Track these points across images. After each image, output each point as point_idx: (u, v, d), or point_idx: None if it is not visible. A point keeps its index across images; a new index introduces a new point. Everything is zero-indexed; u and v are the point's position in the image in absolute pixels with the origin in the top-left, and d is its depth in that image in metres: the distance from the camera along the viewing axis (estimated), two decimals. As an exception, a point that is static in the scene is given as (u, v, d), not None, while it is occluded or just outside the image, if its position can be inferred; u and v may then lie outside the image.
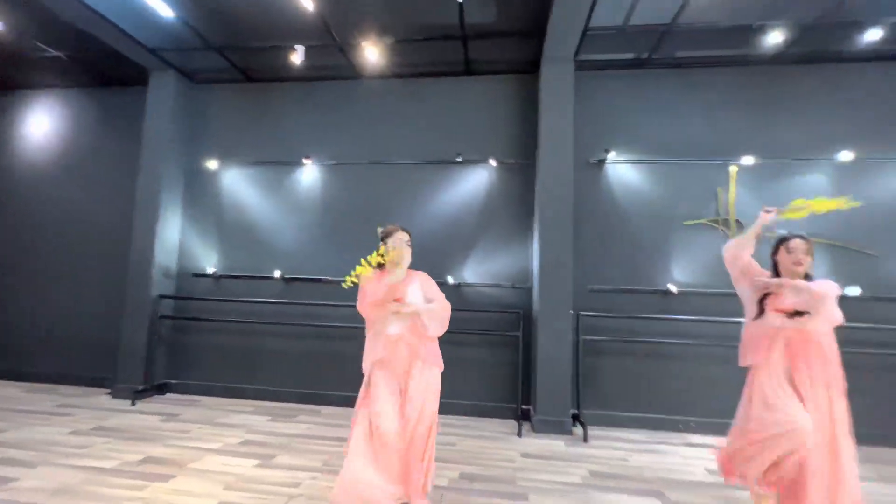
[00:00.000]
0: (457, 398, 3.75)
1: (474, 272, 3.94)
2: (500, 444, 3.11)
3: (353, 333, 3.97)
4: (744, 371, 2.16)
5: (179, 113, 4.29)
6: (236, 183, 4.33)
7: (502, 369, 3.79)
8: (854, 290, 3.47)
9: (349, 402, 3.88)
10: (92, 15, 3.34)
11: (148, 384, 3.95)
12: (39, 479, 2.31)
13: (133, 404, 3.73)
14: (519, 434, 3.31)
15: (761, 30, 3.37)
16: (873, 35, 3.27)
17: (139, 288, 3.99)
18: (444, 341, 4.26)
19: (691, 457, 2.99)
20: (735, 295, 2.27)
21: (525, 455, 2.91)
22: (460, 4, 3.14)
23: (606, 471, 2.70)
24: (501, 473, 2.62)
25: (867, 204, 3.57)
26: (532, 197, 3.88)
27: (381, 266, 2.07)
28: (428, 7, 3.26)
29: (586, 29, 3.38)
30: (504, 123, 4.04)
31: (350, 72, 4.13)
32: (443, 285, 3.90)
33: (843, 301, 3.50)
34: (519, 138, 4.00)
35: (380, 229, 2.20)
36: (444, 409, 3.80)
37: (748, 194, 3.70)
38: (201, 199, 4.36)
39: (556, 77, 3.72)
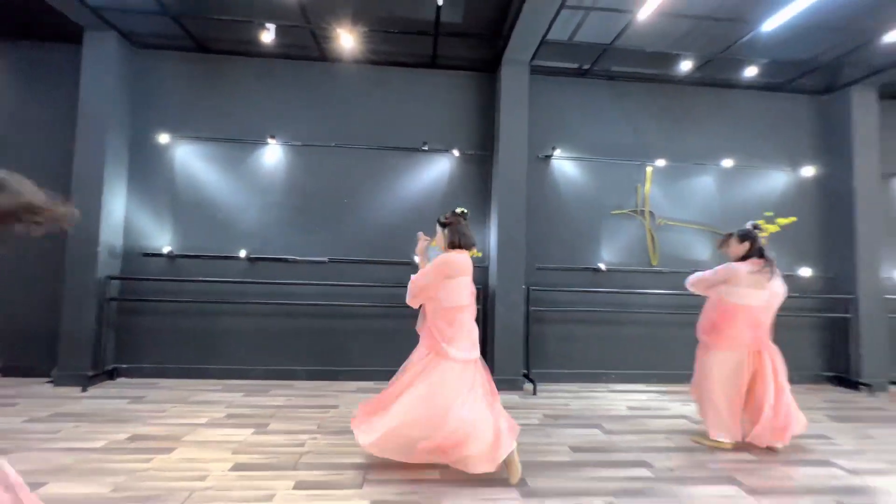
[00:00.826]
0: (422, 366, 4.15)
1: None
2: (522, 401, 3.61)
3: (320, 311, 4.15)
4: (653, 332, 2.86)
5: (122, 79, 3.96)
6: (191, 159, 4.16)
7: (463, 338, 4.27)
8: (729, 268, 4.52)
9: (319, 375, 4.11)
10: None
11: (98, 370, 3.75)
12: (28, 463, 2.27)
13: (84, 390, 3.55)
14: (534, 394, 3.85)
15: (676, 57, 4.13)
16: (751, 71, 4.21)
17: (83, 270, 3.71)
18: (412, 316, 4.66)
19: (616, 399, 3.78)
20: (646, 270, 2.95)
21: (490, 407, 3.44)
22: (439, 7, 3.40)
23: (556, 413, 3.34)
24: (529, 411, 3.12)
25: (739, 199, 4.64)
26: (490, 185, 4.34)
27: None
28: (406, 2, 3.46)
29: (543, 39, 3.86)
30: (466, 116, 4.41)
31: (317, 54, 4.16)
32: (408, 265, 4.24)
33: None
34: (479, 131, 4.41)
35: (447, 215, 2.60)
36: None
37: (659, 190, 4.56)
38: (150, 174, 4.11)
39: (514, 78, 4.16)
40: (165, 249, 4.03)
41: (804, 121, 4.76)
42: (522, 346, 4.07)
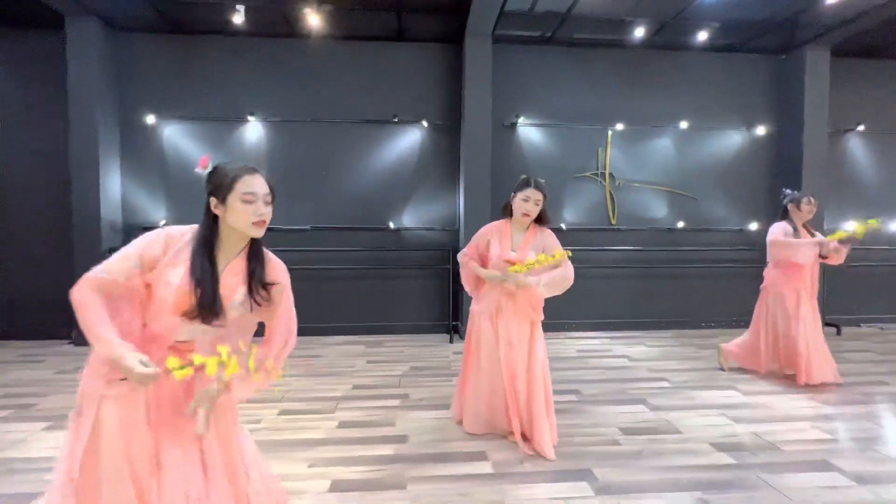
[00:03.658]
0: (401, 320, 4.63)
1: (411, 217, 4.69)
2: (438, 349, 4.10)
3: (306, 274, 4.57)
4: (606, 281, 3.27)
5: (106, 62, 4.19)
6: (178, 138, 4.45)
7: (436, 294, 4.72)
8: (680, 224, 4.88)
9: (308, 332, 4.58)
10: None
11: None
12: (63, 402, 2.77)
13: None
14: (451, 341, 4.33)
15: (632, 23, 4.30)
16: (704, 35, 4.39)
17: (89, 243, 4.12)
18: (389, 276, 5.07)
19: (569, 344, 4.26)
20: (605, 229, 3.31)
21: (456, 353, 3.93)
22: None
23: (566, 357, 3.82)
24: (440, 364, 3.61)
25: (695, 160, 4.92)
26: (458, 154, 4.64)
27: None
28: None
29: (502, 10, 4.03)
30: (434, 88, 4.64)
31: (288, 30, 4.35)
32: (384, 230, 4.62)
33: (673, 232, 4.89)
34: (446, 102, 4.65)
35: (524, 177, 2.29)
36: (394, 330, 4.69)
37: (619, 153, 4.85)
38: (141, 152, 4.43)
39: (477, 50, 4.36)
40: (161, 223, 4.42)
41: (760, 82, 4.96)
42: (490, 301, 4.51)
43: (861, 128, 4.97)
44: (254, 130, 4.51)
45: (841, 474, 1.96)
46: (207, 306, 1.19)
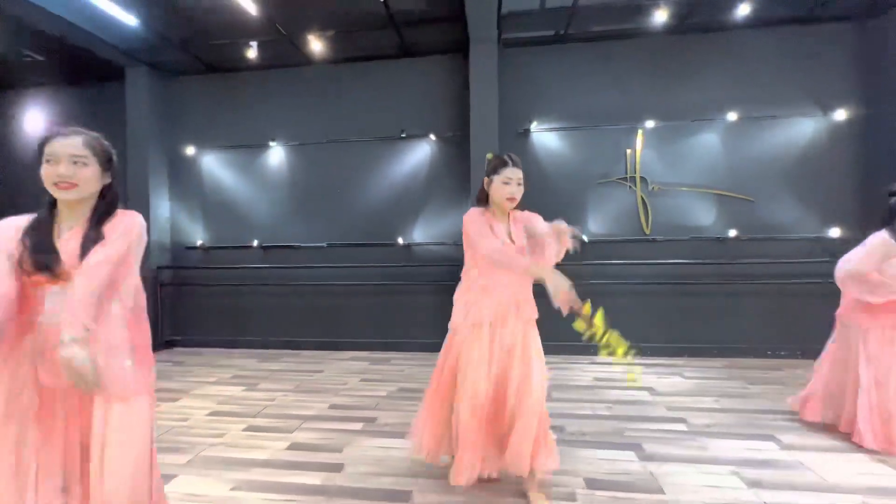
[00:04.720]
0: (411, 337, 4.52)
1: (422, 232, 4.60)
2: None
3: (322, 290, 4.70)
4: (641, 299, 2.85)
5: (156, 104, 4.81)
6: (213, 166, 4.92)
7: (447, 310, 4.52)
8: (732, 232, 4.12)
9: (323, 346, 4.68)
10: (69, 26, 3.81)
11: (157, 341, 4.74)
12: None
13: (147, 356, 4.55)
14: None
15: (653, 5, 3.80)
16: (746, 8, 3.71)
17: (142, 264, 4.69)
18: (399, 292, 5.03)
19: (588, 371, 3.77)
20: (638, 240, 2.91)
21: (455, 375, 3.70)
22: (383, 2, 3.59)
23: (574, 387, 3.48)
24: (430, 387, 3.42)
25: (752, 154, 4.15)
26: (468, 165, 4.46)
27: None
28: (338, 4, 3.69)
29: (500, 13, 3.82)
30: (440, 100, 4.55)
31: (302, 59, 4.59)
32: (393, 246, 4.59)
33: (724, 241, 4.17)
34: (454, 113, 4.52)
35: (489, 156, 1.98)
36: (403, 347, 4.59)
37: (652, 153, 4.27)
38: (185, 181, 4.97)
39: (482, 57, 4.18)
40: (198, 242, 4.88)
41: (839, 56, 4.04)
42: (501, 320, 4.21)
43: None
44: (276, 155, 4.81)
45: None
46: (39, 259, 1.17)
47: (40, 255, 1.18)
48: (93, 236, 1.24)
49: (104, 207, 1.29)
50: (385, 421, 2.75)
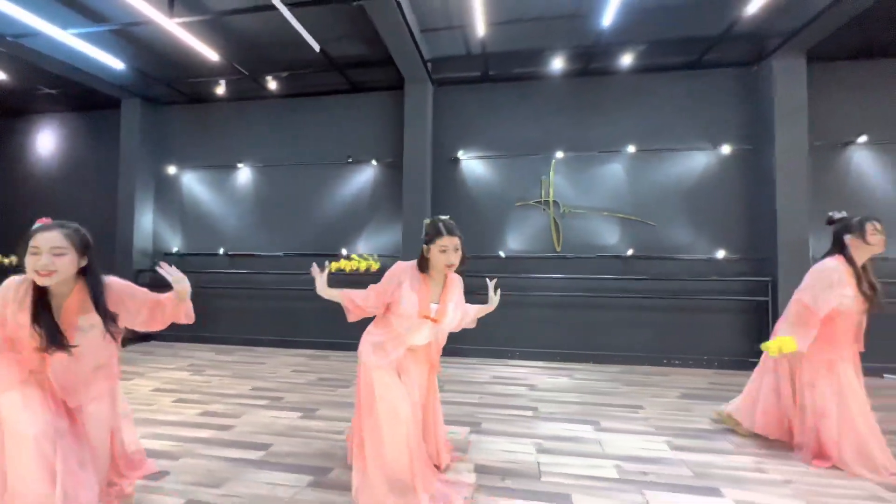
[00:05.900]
0: (351, 338, 5.08)
1: (364, 245, 5.21)
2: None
3: (279, 294, 5.33)
4: (552, 310, 3.38)
5: (146, 129, 5.61)
6: (192, 183, 5.68)
7: (383, 317, 5.10)
8: (630, 251, 4.60)
9: (278, 343, 5.29)
10: (73, 69, 4.64)
11: (135, 335, 5.42)
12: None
13: (124, 346, 5.24)
14: None
15: (553, 53, 4.41)
16: (635, 57, 4.28)
17: (124, 266, 5.43)
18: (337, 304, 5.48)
19: (488, 371, 4.28)
20: (549, 257, 3.46)
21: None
22: (322, 49, 4.28)
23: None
24: (345, 377, 3.98)
25: (652, 183, 4.65)
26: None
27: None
28: (298, 48, 4.39)
29: (424, 58, 4.47)
30: (382, 130, 5.21)
31: (265, 94, 5.34)
32: (338, 255, 5.21)
33: (626, 260, 4.63)
34: (394, 141, 5.17)
35: (427, 222, 2.02)
36: (343, 346, 5.13)
37: (564, 180, 4.82)
38: (167, 196, 5.73)
39: (416, 94, 4.84)
40: (174, 249, 5.61)
41: (728, 97, 4.55)
42: (426, 324, 4.76)
43: (863, 139, 4.23)
44: (244, 175, 5.54)
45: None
46: (52, 341, 1.50)
47: (54, 344, 1.51)
48: (109, 318, 1.61)
49: (96, 288, 1.60)
50: (288, 400, 3.33)
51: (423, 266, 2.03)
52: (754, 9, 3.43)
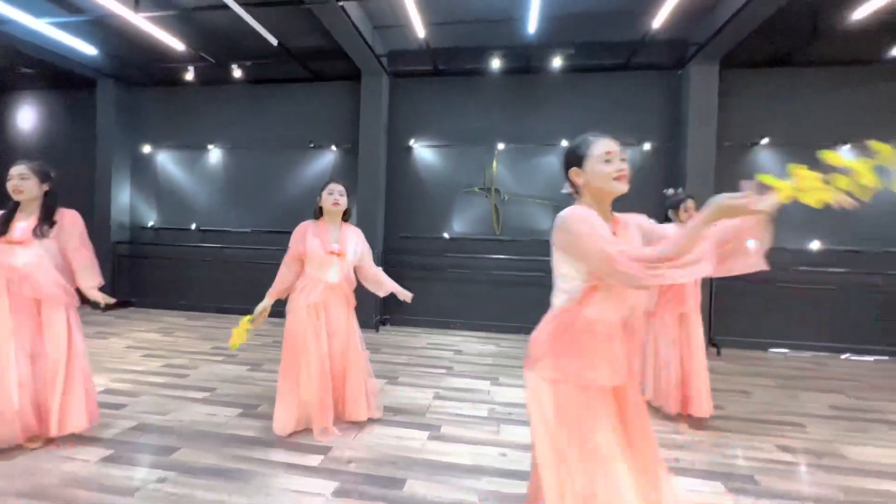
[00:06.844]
0: (312, 309, 5.62)
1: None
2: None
3: (246, 266, 5.82)
4: (491, 287, 3.89)
5: (121, 109, 5.95)
6: (166, 162, 6.07)
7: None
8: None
9: (244, 311, 5.79)
10: (51, 53, 4.96)
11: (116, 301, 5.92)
12: (37, 336, 4.29)
13: (104, 311, 5.73)
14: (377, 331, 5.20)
15: (491, 52, 4.80)
16: (566, 59, 4.70)
17: (100, 236, 5.87)
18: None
19: (425, 339, 4.85)
20: (489, 239, 3.95)
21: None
22: (279, 43, 4.64)
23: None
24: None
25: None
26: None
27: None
28: (259, 39, 4.73)
29: (375, 53, 4.84)
30: (342, 118, 5.61)
31: (232, 80, 5.68)
32: (301, 234, 5.67)
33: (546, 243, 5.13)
34: (352, 129, 5.57)
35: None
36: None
37: (505, 169, 5.28)
38: (143, 173, 6.13)
39: (371, 85, 5.23)
40: (150, 223, 6.04)
41: (654, 98, 5.00)
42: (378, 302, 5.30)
43: (765, 141, 4.72)
44: (214, 156, 5.93)
45: None
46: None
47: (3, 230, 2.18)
48: (44, 223, 2.22)
49: (49, 203, 2.25)
50: (242, 357, 3.87)
51: (318, 214, 2.53)
52: (658, 23, 3.84)
